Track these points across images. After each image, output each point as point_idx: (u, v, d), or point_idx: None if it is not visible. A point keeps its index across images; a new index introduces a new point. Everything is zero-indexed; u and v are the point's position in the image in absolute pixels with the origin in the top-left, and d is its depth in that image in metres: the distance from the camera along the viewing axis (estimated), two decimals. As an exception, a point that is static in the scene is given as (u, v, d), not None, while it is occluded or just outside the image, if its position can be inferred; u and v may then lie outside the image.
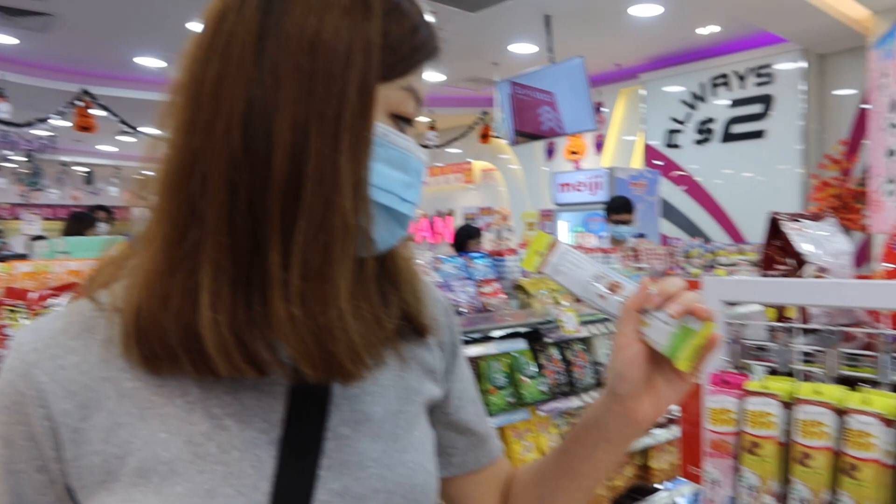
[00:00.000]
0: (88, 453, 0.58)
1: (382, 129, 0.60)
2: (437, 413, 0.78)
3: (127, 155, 14.48)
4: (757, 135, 8.01)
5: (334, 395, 0.65)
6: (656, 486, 3.36)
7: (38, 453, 0.58)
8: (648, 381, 0.68)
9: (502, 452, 0.86)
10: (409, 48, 0.61)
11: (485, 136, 10.00)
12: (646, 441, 3.17)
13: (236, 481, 0.58)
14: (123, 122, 8.56)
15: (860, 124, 7.26)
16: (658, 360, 0.67)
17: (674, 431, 3.32)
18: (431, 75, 0.70)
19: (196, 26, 0.61)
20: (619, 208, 4.78)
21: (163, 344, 0.57)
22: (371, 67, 0.57)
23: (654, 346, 0.65)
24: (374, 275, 0.63)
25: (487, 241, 9.86)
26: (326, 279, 0.55)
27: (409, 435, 0.68)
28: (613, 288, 0.68)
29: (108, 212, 7.11)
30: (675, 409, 3.52)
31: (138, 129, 8.93)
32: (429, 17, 0.66)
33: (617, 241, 4.69)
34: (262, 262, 0.56)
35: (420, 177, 0.65)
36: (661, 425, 3.34)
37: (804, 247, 1.25)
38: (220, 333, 0.55)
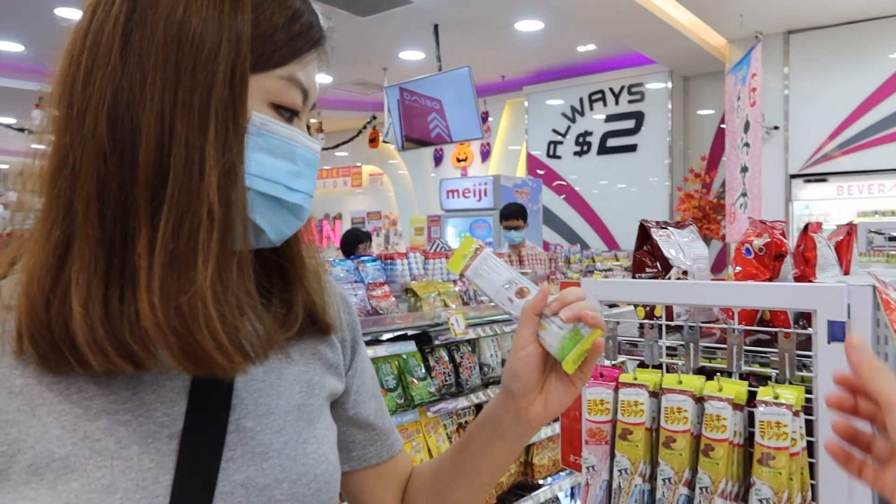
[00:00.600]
0: None
1: (260, 118, 0.60)
2: (337, 408, 0.79)
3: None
4: (630, 148, 8.57)
5: (237, 389, 0.65)
6: (539, 481, 3.52)
7: None
8: (541, 381, 0.70)
9: (403, 447, 0.87)
10: (286, 37, 0.61)
11: (373, 141, 10.02)
12: (528, 438, 3.31)
13: (136, 475, 0.58)
14: (-24, 112, 7.82)
15: (719, 142, 7.95)
16: (552, 364, 0.70)
17: (554, 428, 3.50)
18: (319, 77, 0.73)
19: (64, 12, 0.60)
20: (510, 214, 4.97)
21: (48, 342, 0.56)
22: (241, 57, 0.58)
23: (546, 348, 0.70)
24: (248, 266, 0.61)
25: (375, 246, 9.85)
26: (189, 268, 0.55)
27: (311, 427, 0.70)
28: (521, 293, 0.71)
29: None
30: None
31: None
32: (314, 6, 0.68)
33: (512, 247, 4.84)
34: (131, 254, 0.56)
35: (311, 167, 0.65)
36: (542, 422, 3.50)
37: (669, 252, 1.39)
38: (93, 329, 0.55)
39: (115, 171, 0.56)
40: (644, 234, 1.45)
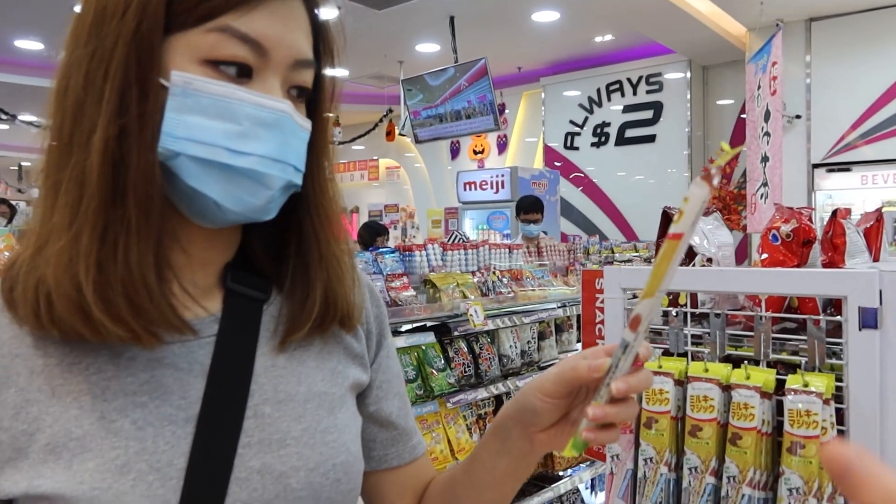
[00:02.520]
0: None
1: (182, 77, 0.57)
2: (358, 403, 0.76)
3: (1, 144, 13.39)
4: (648, 139, 8.48)
5: (257, 375, 0.65)
6: (559, 473, 3.51)
7: None
8: (559, 420, 0.65)
9: (425, 452, 0.82)
10: None
11: (390, 134, 10.01)
12: (548, 430, 3.31)
13: (150, 457, 0.58)
14: (-1, 109, 7.93)
15: (739, 132, 7.84)
16: (572, 404, 0.64)
17: (573, 420, 3.48)
18: (336, 71, 0.70)
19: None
20: (528, 207, 5.00)
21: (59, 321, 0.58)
22: (148, 15, 0.57)
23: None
24: (149, 234, 0.58)
25: (392, 239, 9.85)
26: (73, 236, 0.56)
27: (332, 416, 0.68)
28: (635, 323, 0.55)
29: (9, 206, 6.62)
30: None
31: (17, 116, 8.28)
32: (329, 10, 0.66)
33: (528, 239, 4.86)
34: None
35: (267, 126, 0.59)
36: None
37: (693, 239, 1.37)
38: (37, 297, 0.57)
39: (56, 146, 0.59)
40: (667, 221, 1.43)
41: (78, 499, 0.55)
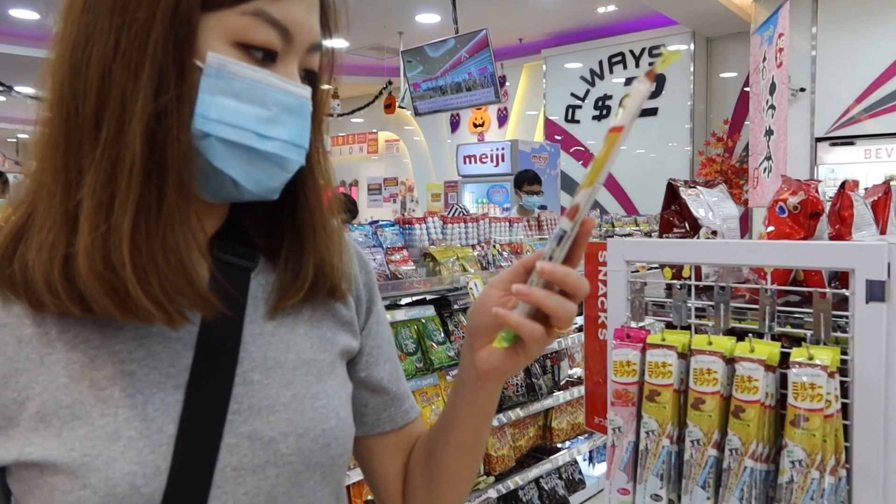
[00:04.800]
0: None
1: (217, 59, 0.57)
2: (350, 370, 0.77)
3: (-3, 116, 13.28)
4: (650, 112, 8.41)
5: (245, 343, 0.65)
6: (557, 445, 3.54)
7: None
8: (495, 329, 0.62)
9: (419, 416, 0.82)
10: None
11: (389, 107, 9.92)
12: (546, 403, 3.32)
13: (139, 424, 0.58)
14: (-6, 80, 7.84)
15: (742, 105, 7.77)
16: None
17: (573, 392, 3.50)
18: (335, 42, 0.68)
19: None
20: (532, 179, 5.05)
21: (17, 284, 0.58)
22: None
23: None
24: (188, 216, 0.58)
25: (391, 213, 9.83)
26: (110, 215, 0.55)
27: (321, 382, 0.68)
28: (572, 213, 0.56)
29: (1, 178, 6.56)
30: (575, 372, 3.69)
31: (13, 87, 8.19)
32: None
33: (525, 211, 4.88)
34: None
35: (293, 113, 0.60)
36: (560, 388, 3.51)
37: (698, 211, 1.35)
38: (50, 271, 0.56)
39: (74, 121, 0.56)
40: (672, 193, 1.41)
41: (68, 465, 0.55)
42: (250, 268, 0.68)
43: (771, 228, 1.23)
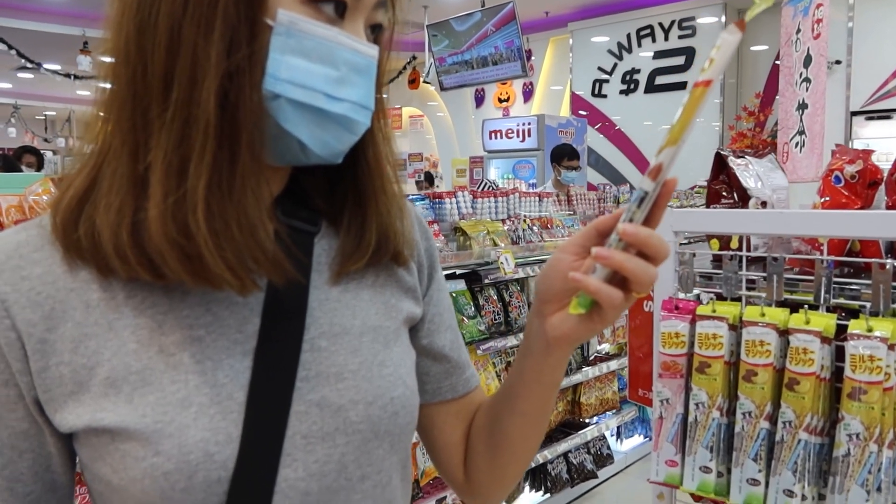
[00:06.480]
0: (56, 364, 0.56)
1: (288, 16, 0.55)
2: (411, 337, 0.75)
3: (25, 93, 13.43)
4: (679, 86, 8.24)
5: (312, 309, 0.64)
6: (585, 420, 3.54)
7: (4, 366, 0.56)
8: (568, 293, 0.60)
9: (479, 385, 0.81)
10: None
11: (413, 82, 9.84)
12: (575, 378, 3.32)
13: (210, 390, 0.57)
14: (23, 56, 7.90)
15: (773, 79, 7.58)
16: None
17: (601, 368, 3.49)
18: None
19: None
20: (569, 155, 4.97)
21: (84, 248, 0.57)
22: None
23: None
24: (263, 181, 0.57)
25: (413, 187, 9.79)
26: (184, 178, 0.54)
27: (387, 350, 0.67)
28: (656, 172, 0.54)
29: (36, 155, 6.64)
30: (604, 348, 3.68)
31: (42, 65, 8.27)
32: None
33: (562, 186, 4.81)
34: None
35: (361, 73, 0.59)
36: (589, 363, 3.50)
37: (748, 182, 1.32)
38: (118, 235, 0.55)
39: (141, 81, 0.55)
40: (720, 163, 1.38)
41: (141, 432, 0.55)
42: (314, 232, 0.67)
43: (826, 199, 1.19)
